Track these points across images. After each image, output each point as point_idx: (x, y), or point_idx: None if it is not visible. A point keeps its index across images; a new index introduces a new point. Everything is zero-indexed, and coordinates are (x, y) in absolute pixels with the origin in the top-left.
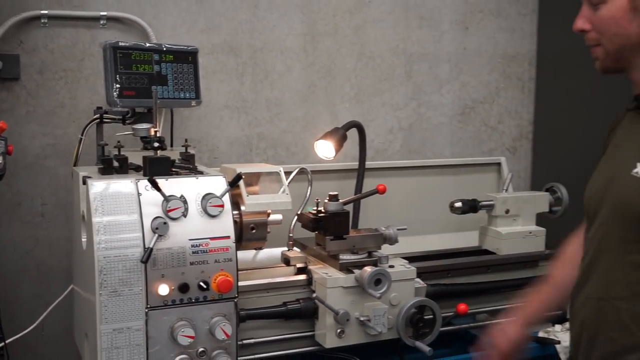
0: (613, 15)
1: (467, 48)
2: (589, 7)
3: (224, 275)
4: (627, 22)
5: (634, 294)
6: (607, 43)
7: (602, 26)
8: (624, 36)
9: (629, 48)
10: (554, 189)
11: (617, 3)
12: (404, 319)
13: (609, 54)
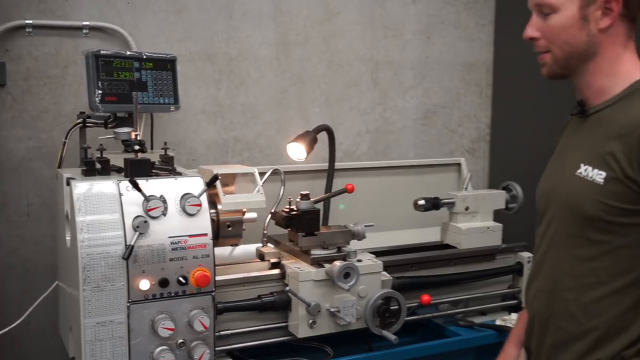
0: (563, 24)
1: (429, 56)
2: (538, 16)
3: (202, 271)
4: (576, 31)
5: (580, 285)
6: (556, 50)
7: (552, 34)
8: (572, 44)
9: (577, 55)
10: (509, 187)
11: (568, 12)
12: (371, 309)
13: (557, 60)
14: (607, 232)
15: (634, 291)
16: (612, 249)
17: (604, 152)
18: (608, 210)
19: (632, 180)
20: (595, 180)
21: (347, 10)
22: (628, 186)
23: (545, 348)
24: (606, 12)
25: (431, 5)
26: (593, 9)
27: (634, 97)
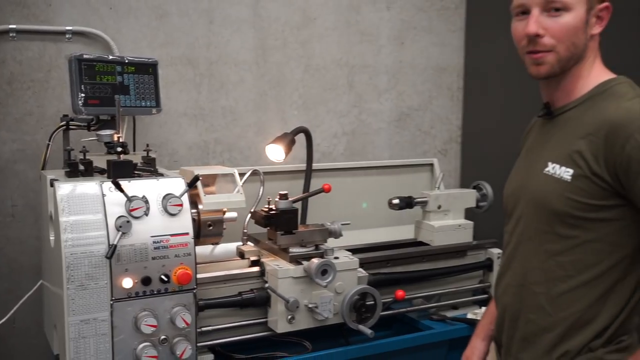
0: (575, 23)
1: (402, 61)
2: (541, 14)
3: (184, 269)
4: (581, 33)
5: (549, 279)
6: (562, 50)
7: (562, 33)
8: (577, 45)
9: (575, 57)
10: (480, 186)
11: (579, 13)
12: (348, 305)
13: (560, 60)
14: (575, 227)
15: (600, 284)
16: (580, 243)
17: (571, 150)
18: (576, 206)
19: (598, 176)
20: (562, 178)
21: (324, 16)
22: (595, 182)
23: (516, 341)
24: (599, 20)
25: (404, 12)
26: (592, 13)
27: (598, 98)
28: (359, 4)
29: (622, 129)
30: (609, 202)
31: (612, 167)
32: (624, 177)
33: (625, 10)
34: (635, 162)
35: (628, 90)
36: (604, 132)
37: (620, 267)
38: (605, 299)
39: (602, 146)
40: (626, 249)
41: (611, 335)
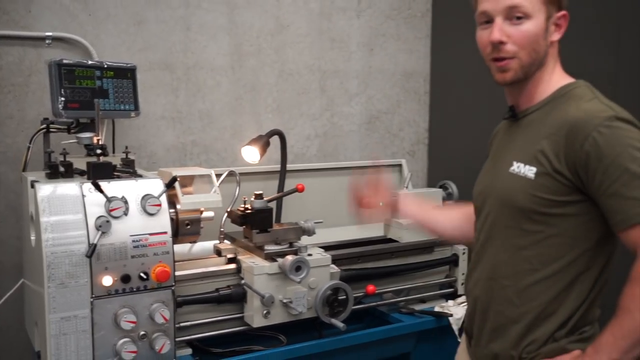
0: (536, 31)
1: (372, 66)
2: (504, 22)
3: (162, 267)
4: (542, 39)
5: (516, 272)
6: (524, 56)
7: (524, 40)
8: (538, 51)
9: (537, 63)
10: (446, 185)
11: (539, 21)
12: (321, 299)
13: (523, 66)
14: (539, 222)
15: (563, 277)
16: (544, 238)
17: (535, 150)
18: (539, 203)
19: (560, 173)
20: (527, 176)
21: (297, 24)
22: (556, 179)
23: (486, 331)
24: (557, 28)
25: (373, 20)
26: (551, 21)
27: (559, 101)
28: (330, 12)
29: (581, 128)
30: (570, 198)
31: (572, 164)
32: (583, 174)
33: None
34: (594, 158)
35: (586, 93)
36: (564, 131)
37: (582, 261)
38: (568, 291)
39: (562, 144)
40: (587, 243)
41: (574, 326)
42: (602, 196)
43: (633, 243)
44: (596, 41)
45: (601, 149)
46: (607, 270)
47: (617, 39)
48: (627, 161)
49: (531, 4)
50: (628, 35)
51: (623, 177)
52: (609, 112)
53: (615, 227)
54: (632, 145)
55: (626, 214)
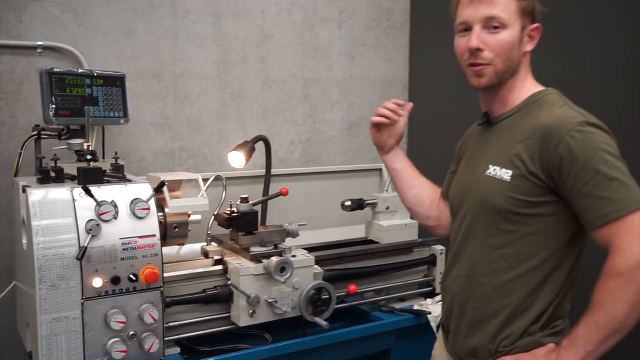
0: (511, 40)
1: (353, 75)
2: (482, 30)
3: (151, 268)
4: (516, 48)
5: (493, 270)
6: (499, 63)
7: (499, 48)
8: (512, 59)
9: (511, 70)
10: None
11: (515, 31)
12: (304, 299)
13: (497, 72)
14: (515, 222)
15: (537, 274)
16: (519, 237)
17: (510, 153)
18: (515, 204)
19: (534, 175)
20: (503, 178)
21: (281, 34)
22: (531, 181)
23: (464, 327)
24: (531, 39)
25: (354, 30)
26: (525, 32)
27: (532, 107)
28: (312, 22)
29: (554, 132)
30: (544, 199)
31: (546, 167)
32: (557, 175)
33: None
34: (567, 161)
35: (557, 100)
36: (538, 135)
37: (555, 258)
38: (541, 287)
39: (537, 148)
40: (560, 241)
41: (547, 320)
42: (574, 197)
43: (605, 240)
44: (565, 52)
45: (574, 152)
46: (577, 266)
47: (584, 51)
48: (598, 163)
49: (508, 15)
50: (594, 47)
51: (594, 179)
52: (580, 118)
53: (588, 225)
54: (602, 149)
55: (598, 213)
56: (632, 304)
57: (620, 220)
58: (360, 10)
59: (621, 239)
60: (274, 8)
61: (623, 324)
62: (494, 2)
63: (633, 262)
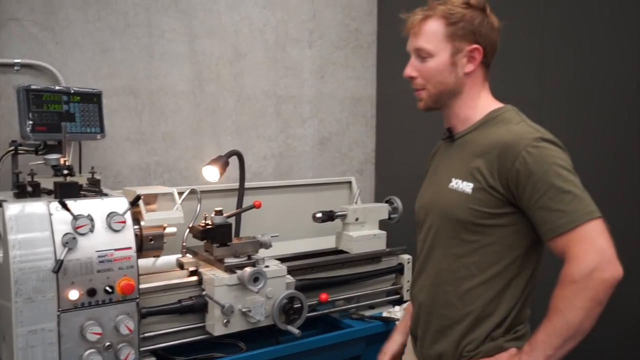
0: (437, 67)
1: (323, 92)
2: (416, 59)
3: (127, 280)
4: (447, 73)
5: (456, 278)
6: (431, 88)
7: (428, 75)
8: (444, 83)
9: (447, 93)
10: (391, 200)
11: (441, 58)
12: (277, 308)
13: (431, 96)
14: (476, 233)
15: (498, 281)
16: (481, 246)
17: (471, 167)
18: (476, 215)
19: (494, 189)
20: (464, 191)
21: (254, 52)
22: (491, 194)
23: (430, 333)
24: (470, 60)
25: (324, 50)
26: (460, 56)
27: (490, 123)
28: (284, 42)
29: (511, 148)
30: (504, 210)
31: (504, 181)
32: (514, 189)
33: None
34: (523, 175)
35: (514, 117)
36: (497, 151)
37: (515, 266)
38: (503, 294)
39: (496, 163)
40: (519, 250)
41: (509, 326)
42: (531, 209)
43: (560, 250)
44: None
45: (530, 167)
46: (536, 274)
47: (541, 69)
48: (553, 177)
49: (432, 45)
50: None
51: (549, 192)
52: (535, 134)
53: (544, 236)
54: (557, 164)
55: (553, 225)
56: (587, 310)
57: (573, 230)
58: (329, 30)
59: (575, 249)
60: (247, 28)
61: (579, 329)
62: (419, 34)
63: (586, 270)
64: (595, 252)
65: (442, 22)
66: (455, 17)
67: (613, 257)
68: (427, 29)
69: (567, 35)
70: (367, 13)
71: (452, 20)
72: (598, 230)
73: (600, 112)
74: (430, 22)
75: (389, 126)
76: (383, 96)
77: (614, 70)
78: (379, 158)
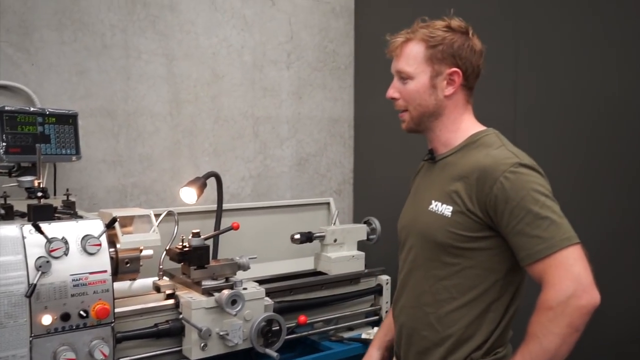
0: (417, 89)
1: (301, 113)
2: (398, 81)
3: (102, 304)
4: (427, 96)
5: (437, 301)
6: (412, 110)
7: (409, 97)
8: (424, 106)
9: (428, 115)
10: (369, 221)
11: (421, 81)
12: (255, 331)
13: (413, 118)
14: (456, 255)
15: (479, 304)
16: (461, 269)
17: (450, 190)
18: (455, 238)
19: (472, 213)
20: (444, 214)
21: (232, 74)
22: (470, 217)
23: (412, 354)
24: (450, 83)
25: (302, 71)
26: (440, 79)
27: (470, 147)
28: (262, 64)
29: (489, 173)
30: (483, 234)
31: (483, 205)
32: (493, 214)
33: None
34: (501, 201)
35: (495, 141)
36: (475, 175)
37: (495, 289)
38: (483, 317)
39: (474, 187)
40: (498, 273)
41: (489, 348)
42: (509, 234)
43: (538, 276)
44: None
45: (507, 192)
46: (517, 297)
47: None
48: (530, 203)
49: (412, 68)
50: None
51: (527, 218)
52: (514, 159)
53: (522, 262)
54: (534, 189)
55: (530, 251)
56: (563, 336)
57: (550, 257)
58: (307, 52)
59: (552, 275)
60: (225, 50)
61: (555, 355)
62: (401, 56)
63: (563, 296)
64: (571, 279)
65: (422, 45)
66: (435, 40)
67: (590, 283)
68: (408, 52)
69: (539, 57)
70: (345, 35)
71: (432, 43)
72: (575, 256)
73: (574, 133)
74: (410, 45)
75: (367, 147)
76: (361, 117)
77: (587, 91)
78: (357, 179)
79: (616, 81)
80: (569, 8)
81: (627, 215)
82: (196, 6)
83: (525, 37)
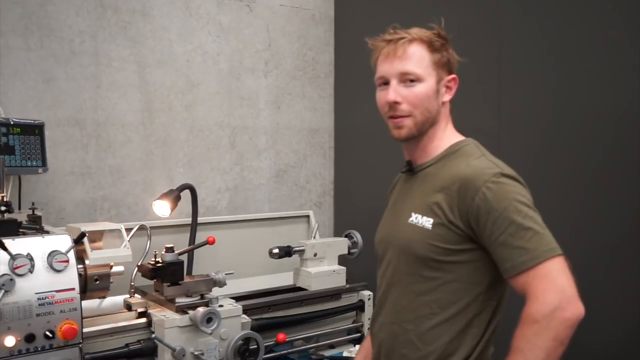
0: (427, 92)
1: (279, 123)
2: (399, 84)
3: (69, 324)
4: (433, 100)
5: (417, 317)
6: (418, 115)
7: (417, 101)
8: (430, 110)
9: (430, 121)
10: (351, 235)
11: (430, 84)
12: (232, 350)
13: (417, 124)
14: (436, 269)
15: (460, 319)
16: (441, 284)
17: (430, 202)
18: (436, 251)
19: (454, 224)
20: (424, 226)
21: (207, 82)
22: (451, 229)
23: None
24: (448, 90)
25: (280, 79)
26: (442, 84)
27: (450, 157)
28: (239, 72)
29: (471, 184)
30: (464, 247)
31: (465, 217)
32: (475, 225)
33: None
34: (483, 212)
35: (475, 151)
36: (456, 186)
37: (476, 304)
38: (465, 333)
39: (455, 198)
40: (480, 287)
41: None
42: (492, 245)
43: (521, 288)
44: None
45: (490, 202)
46: (499, 311)
47: (498, 101)
48: (513, 214)
49: (421, 70)
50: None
51: (510, 228)
52: (495, 169)
53: (505, 274)
54: (517, 199)
55: (514, 262)
56: (548, 350)
57: (534, 268)
58: (285, 60)
59: (536, 287)
60: (200, 58)
61: None
62: (407, 57)
63: (548, 309)
64: (556, 291)
65: (426, 48)
66: (436, 45)
67: (574, 295)
68: (414, 53)
69: (523, 66)
70: (324, 43)
71: (435, 47)
72: (559, 268)
73: (558, 143)
74: (414, 46)
75: (348, 158)
76: (341, 127)
77: (571, 101)
78: (338, 191)
79: (600, 91)
80: (552, 16)
81: (612, 226)
82: (170, 12)
83: (508, 46)
